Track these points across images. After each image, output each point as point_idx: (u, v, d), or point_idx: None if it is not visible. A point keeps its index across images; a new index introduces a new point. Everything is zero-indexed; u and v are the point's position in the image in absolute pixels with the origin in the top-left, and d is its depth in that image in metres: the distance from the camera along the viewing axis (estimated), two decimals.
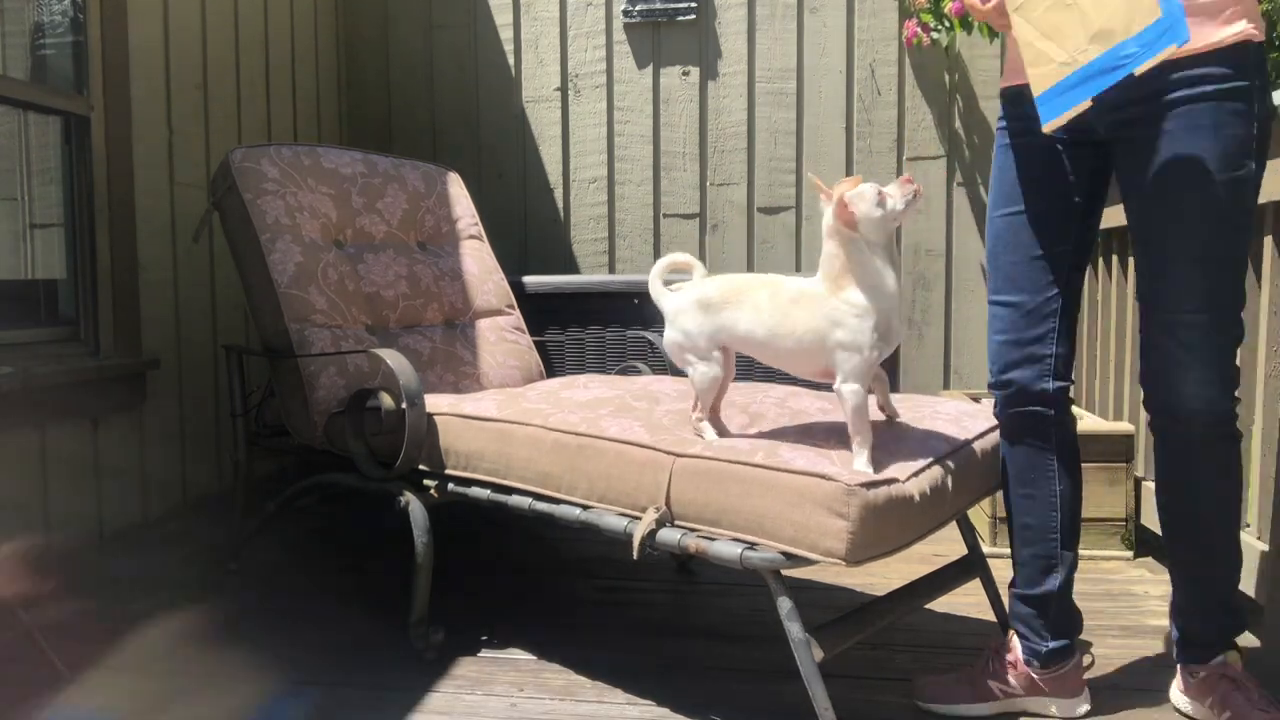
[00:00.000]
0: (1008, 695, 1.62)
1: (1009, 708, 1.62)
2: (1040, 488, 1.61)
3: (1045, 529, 1.61)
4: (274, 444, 2.35)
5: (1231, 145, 1.37)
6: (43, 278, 2.48)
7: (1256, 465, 1.89)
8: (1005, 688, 1.62)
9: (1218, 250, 1.41)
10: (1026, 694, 1.61)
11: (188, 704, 1.70)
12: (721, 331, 1.63)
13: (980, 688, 1.63)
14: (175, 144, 2.72)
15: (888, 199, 1.50)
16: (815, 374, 1.59)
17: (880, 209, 1.49)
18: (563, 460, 1.71)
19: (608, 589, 2.29)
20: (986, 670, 1.64)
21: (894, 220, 1.51)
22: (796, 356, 1.57)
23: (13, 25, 2.44)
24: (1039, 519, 1.61)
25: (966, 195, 3.42)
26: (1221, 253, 1.41)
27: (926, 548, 2.44)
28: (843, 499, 1.39)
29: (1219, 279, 1.42)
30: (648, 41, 3.56)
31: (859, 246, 1.51)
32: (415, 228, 2.63)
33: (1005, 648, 1.64)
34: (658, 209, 3.60)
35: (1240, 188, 1.39)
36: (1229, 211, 1.39)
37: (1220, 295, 1.42)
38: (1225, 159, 1.37)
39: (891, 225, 1.52)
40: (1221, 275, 1.42)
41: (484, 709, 1.66)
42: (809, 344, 1.54)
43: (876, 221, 1.50)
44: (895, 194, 1.51)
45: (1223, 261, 1.42)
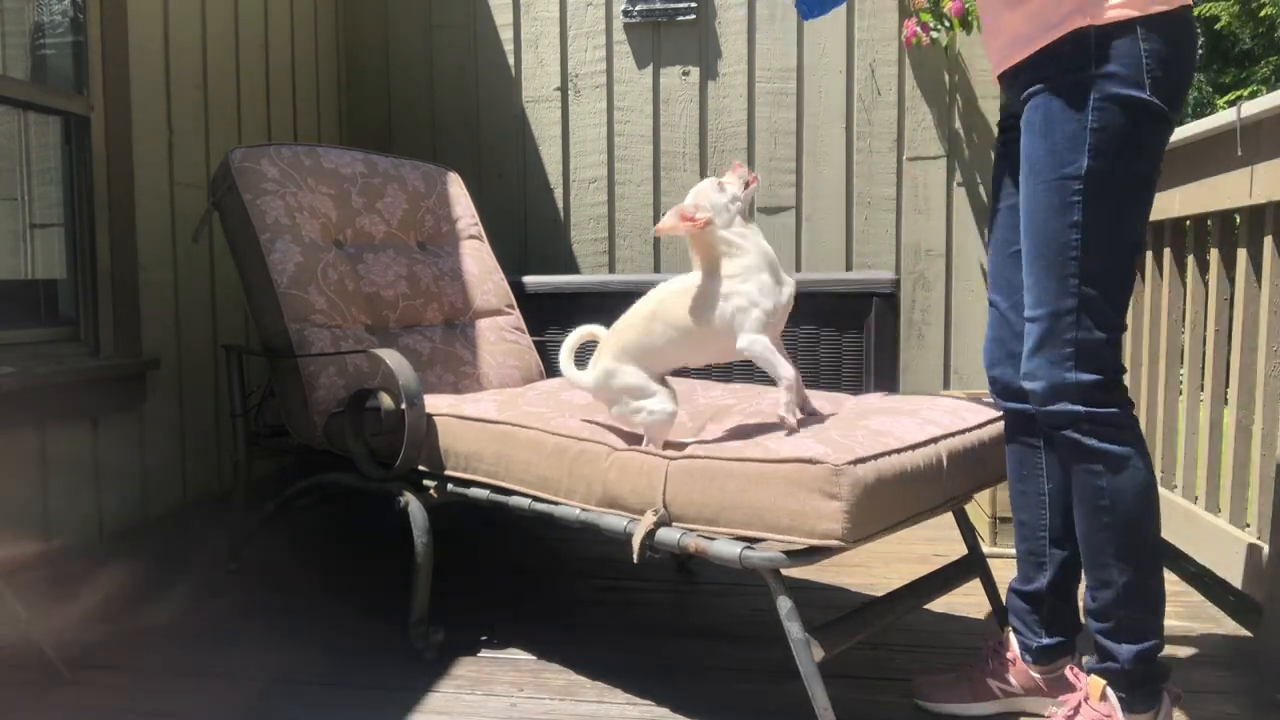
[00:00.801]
0: (1007, 694, 1.61)
1: (1008, 707, 1.62)
2: (1030, 484, 1.61)
3: (1036, 526, 1.61)
4: (274, 444, 2.35)
5: (1060, 142, 1.34)
6: (43, 278, 2.48)
7: (1256, 465, 1.89)
8: (1004, 686, 1.61)
9: (1047, 252, 1.37)
10: (1026, 693, 1.61)
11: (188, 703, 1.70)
12: (652, 363, 1.71)
13: (979, 686, 1.62)
14: (175, 144, 2.72)
15: (726, 185, 1.66)
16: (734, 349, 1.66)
17: (721, 194, 1.65)
18: (562, 465, 1.71)
19: (608, 589, 2.29)
20: (985, 669, 1.63)
21: (736, 203, 1.66)
22: (718, 338, 1.66)
23: (13, 25, 2.44)
24: (1030, 515, 1.61)
25: (966, 195, 3.42)
26: (1051, 254, 1.37)
27: (926, 548, 2.45)
28: (832, 479, 1.39)
29: (1047, 281, 1.37)
30: (648, 41, 3.56)
31: (712, 236, 1.65)
32: (415, 228, 2.63)
33: (1004, 645, 1.64)
34: (658, 209, 3.60)
35: (1069, 185, 1.33)
36: (1057, 211, 1.35)
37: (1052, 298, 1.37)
38: (1052, 156, 1.35)
39: (737, 206, 1.66)
40: (1049, 276, 1.37)
41: (484, 709, 1.66)
42: (720, 325, 1.64)
43: (723, 207, 1.65)
44: (732, 179, 1.67)
45: (1052, 263, 1.36)
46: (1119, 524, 1.38)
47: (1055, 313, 1.37)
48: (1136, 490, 1.38)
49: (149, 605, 2.17)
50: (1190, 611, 2.05)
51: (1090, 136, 1.32)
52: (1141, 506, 1.39)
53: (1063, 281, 1.36)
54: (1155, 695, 1.42)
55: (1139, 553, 1.39)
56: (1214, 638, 1.92)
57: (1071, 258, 1.35)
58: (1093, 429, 1.37)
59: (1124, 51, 1.31)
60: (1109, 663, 1.42)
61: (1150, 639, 1.40)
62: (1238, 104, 1.90)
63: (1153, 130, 1.34)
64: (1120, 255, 1.37)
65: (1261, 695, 1.67)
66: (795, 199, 3.51)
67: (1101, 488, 1.38)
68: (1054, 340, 1.38)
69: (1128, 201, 1.36)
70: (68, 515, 2.28)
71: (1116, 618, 1.40)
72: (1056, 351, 1.37)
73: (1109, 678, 1.43)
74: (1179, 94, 1.35)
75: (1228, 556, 1.98)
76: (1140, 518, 1.39)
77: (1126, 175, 1.34)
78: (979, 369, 3.45)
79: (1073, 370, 1.36)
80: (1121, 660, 1.40)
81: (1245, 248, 1.95)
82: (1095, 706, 1.43)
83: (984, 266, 3.43)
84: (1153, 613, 1.41)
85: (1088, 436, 1.38)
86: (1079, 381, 1.36)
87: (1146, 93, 1.31)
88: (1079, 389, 1.37)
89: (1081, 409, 1.37)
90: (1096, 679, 1.44)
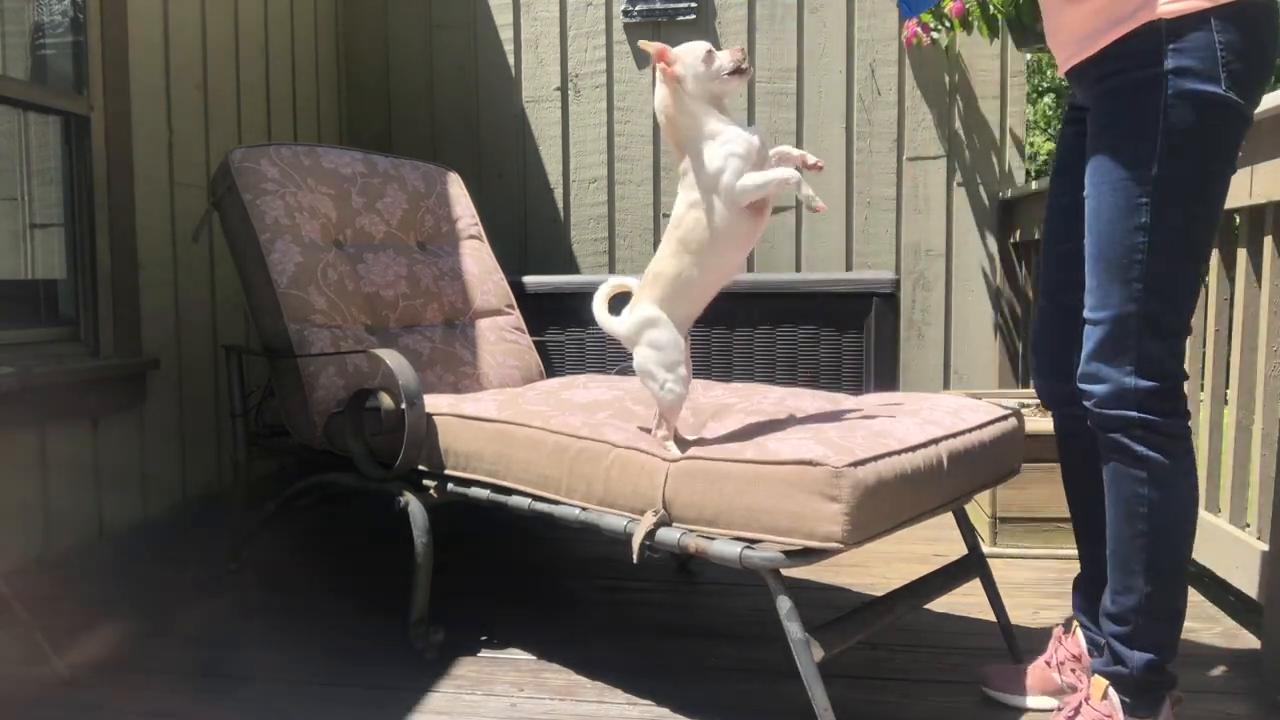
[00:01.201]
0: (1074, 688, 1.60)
1: None
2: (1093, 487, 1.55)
3: None
4: (274, 444, 2.34)
5: (1130, 142, 1.30)
6: (43, 278, 2.48)
7: (1256, 465, 1.89)
8: (1068, 678, 1.61)
9: (1112, 254, 1.33)
10: None
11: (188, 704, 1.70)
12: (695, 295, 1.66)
13: (1044, 677, 1.62)
14: (175, 144, 2.72)
15: (715, 58, 1.57)
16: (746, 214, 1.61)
17: (703, 66, 1.56)
18: (562, 463, 1.71)
19: (608, 589, 2.29)
20: (1050, 660, 1.63)
21: (718, 81, 1.57)
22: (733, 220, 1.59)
23: (13, 25, 2.44)
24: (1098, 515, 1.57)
25: (966, 195, 3.42)
26: (1116, 257, 1.32)
27: (926, 548, 2.45)
28: (832, 482, 1.39)
29: (1110, 285, 1.34)
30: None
31: (683, 103, 1.58)
32: (415, 228, 2.63)
33: (1071, 640, 1.63)
34: (658, 209, 3.60)
35: (1136, 188, 1.29)
36: (1124, 213, 1.31)
37: (1116, 302, 1.33)
38: (1120, 156, 1.31)
39: (716, 86, 1.57)
40: (1112, 280, 1.33)
41: (484, 709, 1.66)
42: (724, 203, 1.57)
43: (701, 76, 1.56)
44: (724, 57, 1.57)
45: (1116, 266, 1.32)
46: (1154, 534, 1.35)
47: (1118, 317, 1.33)
48: (1178, 502, 1.36)
49: (149, 605, 2.16)
50: (1190, 611, 2.03)
51: (1161, 137, 1.27)
52: (1179, 519, 1.36)
53: (1126, 286, 1.32)
54: (1158, 702, 1.41)
55: (1169, 567, 1.37)
56: (1214, 638, 1.92)
57: (1137, 261, 1.30)
58: (1145, 435, 1.34)
59: (1197, 44, 1.25)
60: (1118, 667, 1.41)
61: (1164, 653, 1.39)
62: None
63: (1228, 127, 1.29)
64: (1187, 260, 1.33)
65: (1262, 695, 1.66)
66: (795, 198, 3.51)
67: (1142, 495, 1.35)
68: (1115, 345, 1.34)
69: (1198, 203, 1.31)
70: (68, 515, 2.28)
71: (1134, 624, 1.38)
72: (1118, 356, 1.34)
73: (1116, 681, 1.41)
74: (1258, 86, 1.30)
75: (1228, 556, 1.98)
76: (1176, 530, 1.36)
77: (1197, 177, 1.30)
78: (979, 369, 3.46)
79: (1133, 376, 1.33)
80: (1131, 667, 1.39)
81: (1245, 248, 1.95)
82: (1096, 706, 1.42)
83: (984, 267, 3.43)
84: (1172, 626, 1.40)
85: (1138, 443, 1.34)
86: (1138, 388, 1.33)
87: (1222, 87, 1.25)
88: (1137, 395, 1.33)
89: (1137, 415, 1.33)
90: (1099, 679, 1.43)
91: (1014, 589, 1.88)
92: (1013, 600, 1.83)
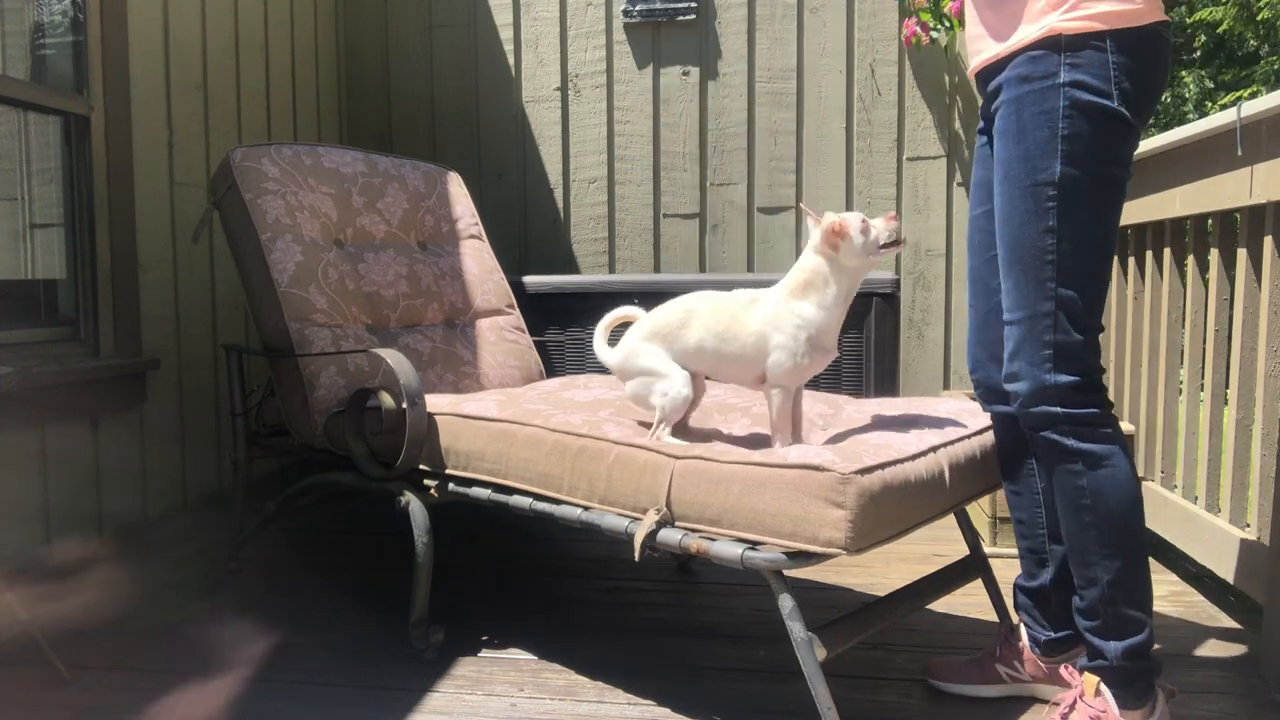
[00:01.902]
0: (1015, 680, 1.65)
1: (1016, 692, 1.65)
2: (1024, 484, 1.63)
3: (1034, 524, 1.63)
4: (274, 443, 2.34)
5: (1033, 148, 1.37)
6: (43, 278, 2.48)
7: (1256, 465, 1.89)
8: (1013, 672, 1.65)
9: (1023, 256, 1.39)
10: (1034, 680, 1.64)
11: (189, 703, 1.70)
12: (678, 352, 1.70)
13: (989, 670, 1.66)
14: (175, 144, 2.72)
15: (871, 229, 1.60)
16: (756, 380, 1.67)
17: (863, 236, 1.59)
18: (563, 462, 1.71)
19: (608, 589, 2.29)
20: (996, 654, 1.67)
21: (873, 251, 1.60)
22: (741, 362, 1.66)
23: (13, 25, 2.44)
24: (1027, 514, 1.64)
25: (966, 195, 3.42)
26: (1028, 259, 1.39)
27: (927, 547, 2.45)
28: (838, 488, 1.39)
29: (1025, 285, 1.40)
30: (648, 41, 3.56)
31: (834, 269, 1.62)
32: (415, 227, 2.63)
33: (1015, 634, 1.67)
34: (658, 209, 3.60)
35: (1043, 191, 1.36)
36: (1033, 216, 1.37)
37: (1030, 301, 1.39)
38: (1025, 162, 1.38)
39: (867, 257, 1.61)
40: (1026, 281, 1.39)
41: (484, 709, 1.66)
42: (752, 348, 1.64)
43: (857, 248, 1.60)
44: (880, 227, 1.61)
45: (1029, 267, 1.39)
46: (1101, 522, 1.40)
47: (1033, 316, 1.39)
48: (1117, 488, 1.39)
49: (149, 605, 2.16)
50: (1190, 611, 2.05)
51: (1062, 143, 1.35)
52: (1123, 504, 1.40)
53: (1040, 285, 1.38)
54: (1148, 691, 1.43)
55: (1122, 550, 1.40)
56: (1214, 638, 1.92)
57: (1048, 261, 1.38)
58: (1072, 429, 1.39)
59: (1092, 60, 1.34)
60: (1099, 660, 1.43)
61: (1137, 634, 1.41)
62: (1238, 104, 1.91)
63: (1120, 138, 1.37)
64: (1095, 258, 1.39)
65: (1261, 695, 1.67)
66: (795, 199, 3.51)
67: (1082, 487, 1.40)
68: (1033, 343, 1.40)
69: (1101, 205, 1.38)
70: (68, 515, 2.28)
71: (1103, 615, 1.42)
72: (1035, 354, 1.40)
73: (1101, 674, 1.44)
74: (1145, 107, 1.38)
75: (1228, 556, 1.98)
76: (1122, 515, 1.40)
77: (1099, 180, 1.37)
78: None
79: (1051, 372, 1.39)
80: (1110, 657, 1.42)
81: (1245, 248, 1.95)
82: (1090, 703, 1.43)
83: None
84: (1138, 608, 1.42)
85: (1067, 437, 1.40)
86: (1058, 383, 1.39)
87: (1115, 102, 1.34)
88: (1058, 390, 1.39)
89: (1060, 410, 1.39)
90: (1090, 676, 1.45)
91: None
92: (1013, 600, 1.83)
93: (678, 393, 1.67)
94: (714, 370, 1.72)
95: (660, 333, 1.71)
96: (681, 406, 1.68)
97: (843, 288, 1.62)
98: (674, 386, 1.68)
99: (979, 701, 1.66)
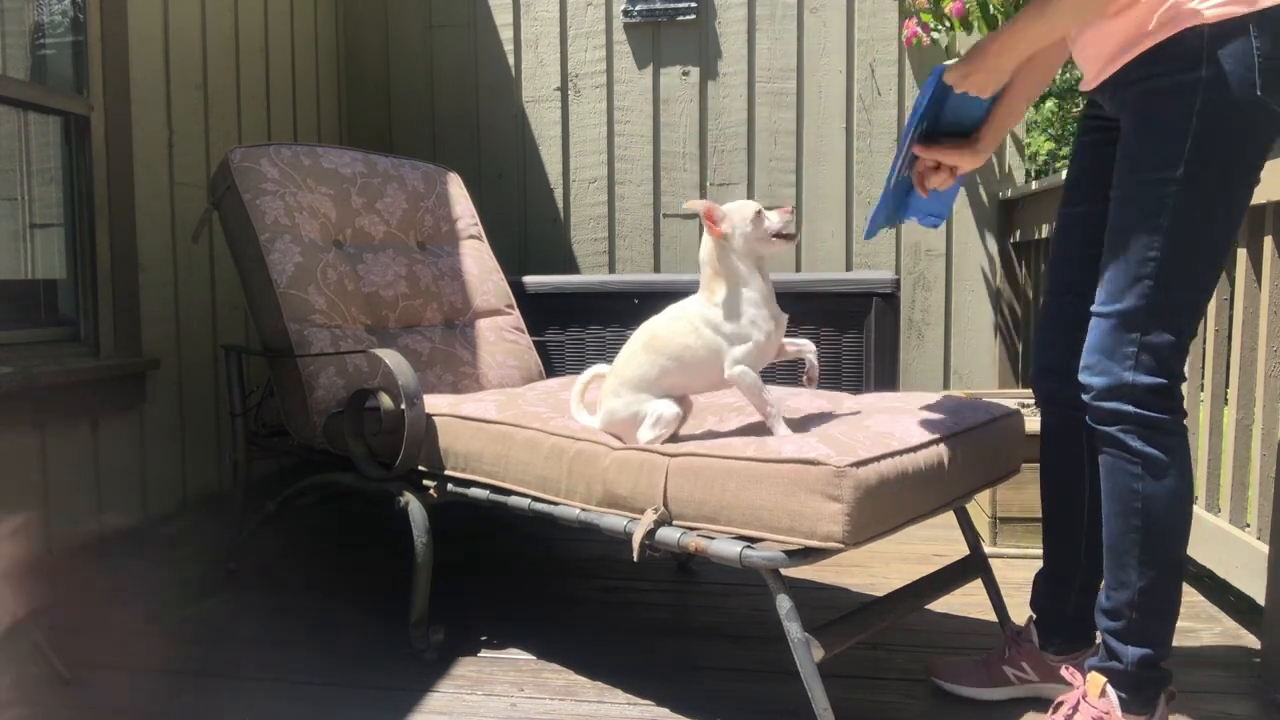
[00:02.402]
0: (1023, 681, 1.63)
1: (1023, 694, 1.64)
2: (1065, 482, 1.60)
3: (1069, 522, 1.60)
4: (273, 444, 2.34)
5: (1161, 143, 1.31)
6: (43, 278, 2.48)
7: (1256, 465, 1.89)
8: (1020, 674, 1.63)
9: (1127, 250, 1.35)
10: (1042, 680, 1.62)
11: (188, 703, 1.70)
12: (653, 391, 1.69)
13: (995, 672, 1.64)
14: (175, 144, 2.72)
15: (765, 219, 1.64)
16: (727, 380, 1.65)
17: (752, 226, 1.63)
18: (560, 465, 1.71)
19: (608, 589, 2.29)
20: (1004, 656, 1.65)
21: (764, 240, 1.64)
22: (705, 368, 1.65)
23: (13, 25, 2.44)
24: (1062, 512, 1.61)
25: (966, 195, 3.42)
26: (1131, 253, 1.34)
27: (927, 548, 2.45)
28: (834, 482, 1.39)
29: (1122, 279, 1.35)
30: (648, 41, 3.56)
31: (728, 255, 1.64)
32: (415, 228, 2.63)
33: (1023, 635, 1.65)
34: (658, 209, 3.60)
35: (1162, 188, 1.30)
36: (1146, 212, 1.32)
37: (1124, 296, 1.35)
38: (1150, 156, 1.32)
39: (762, 245, 1.64)
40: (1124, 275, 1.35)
41: (484, 709, 1.66)
42: (705, 351, 1.64)
43: (742, 235, 1.64)
44: (774, 219, 1.65)
45: (1130, 262, 1.34)
46: (1149, 528, 1.37)
47: (1124, 311, 1.35)
48: (1172, 499, 1.36)
49: (149, 605, 2.16)
50: (1190, 611, 2.05)
51: (1191, 139, 1.29)
52: (1173, 517, 1.37)
53: (1138, 282, 1.33)
54: (1154, 699, 1.42)
55: (1162, 561, 1.38)
56: (1214, 638, 1.92)
57: (1151, 259, 1.32)
58: (1140, 431, 1.35)
59: (1236, 50, 1.26)
60: (1113, 662, 1.42)
61: (1158, 647, 1.39)
62: None
63: (1258, 130, 1.31)
64: (1202, 262, 1.34)
65: (1261, 695, 1.66)
66: (795, 199, 3.51)
67: (1137, 491, 1.37)
68: (1118, 339, 1.36)
69: (1219, 206, 1.32)
70: (68, 515, 2.28)
71: (1128, 619, 1.39)
72: (1119, 350, 1.35)
73: (1110, 676, 1.42)
74: None
75: (1228, 556, 1.98)
76: (1170, 527, 1.37)
77: (1223, 180, 1.31)
78: (979, 369, 3.46)
79: (1132, 371, 1.34)
80: (1126, 662, 1.40)
81: (1245, 248, 1.95)
82: (1094, 703, 1.43)
83: (984, 267, 3.43)
84: (1164, 622, 1.40)
85: (1133, 437, 1.35)
86: (1136, 383, 1.34)
87: (1257, 91, 1.26)
88: (1135, 390, 1.34)
89: (1132, 410, 1.35)
90: (1097, 676, 1.44)
91: (1014, 589, 1.88)
92: (1013, 600, 1.83)
93: (669, 413, 1.66)
94: (688, 387, 1.72)
95: (627, 381, 1.70)
96: (675, 422, 1.67)
97: (747, 264, 1.64)
98: (661, 409, 1.66)
99: (979, 702, 1.66)
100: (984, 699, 1.64)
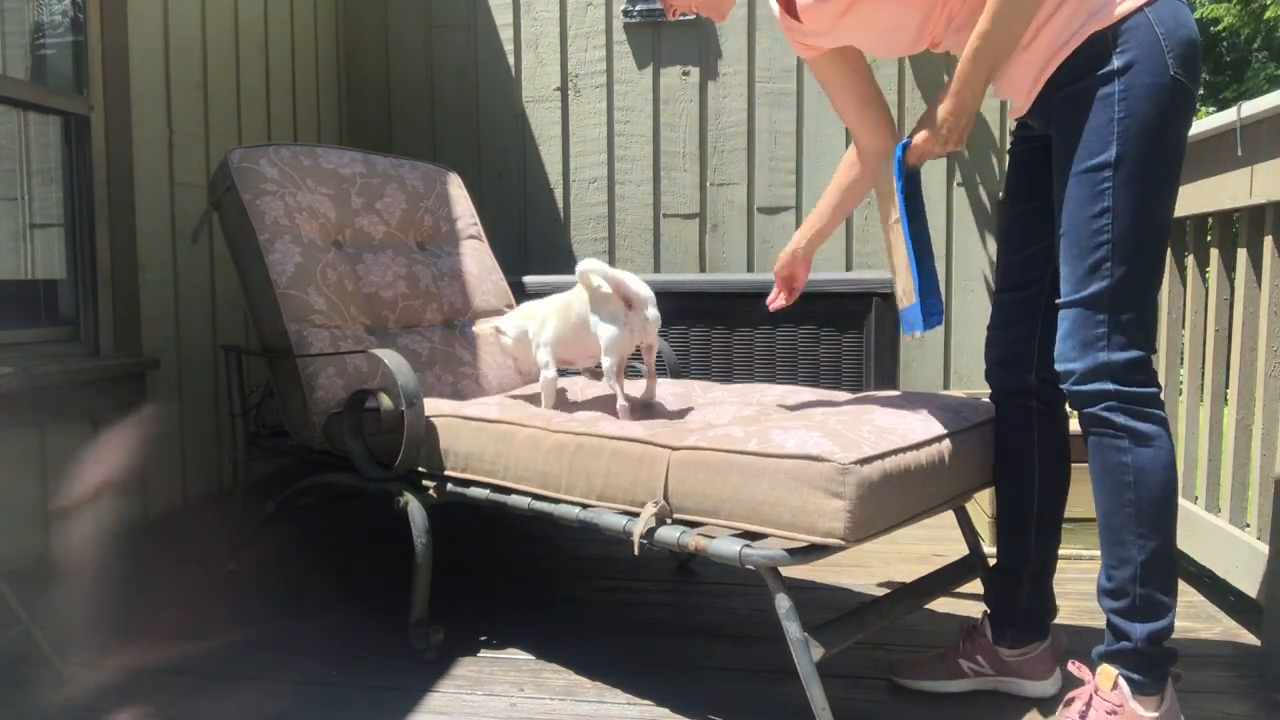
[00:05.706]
0: (978, 674, 1.67)
1: (979, 686, 1.67)
2: (1018, 470, 1.66)
3: (1021, 511, 1.65)
4: (273, 444, 2.35)
5: (1089, 135, 1.38)
6: (43, 278, 2.48)
7: (1256, 465, 1.89)
8: (976, 666, 1.67)
9: (1080, 240, 1.41)
10: (997, 674, 1.67)
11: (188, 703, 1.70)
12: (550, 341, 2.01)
13: (951, 665, 1.69)
14: (175, 144, 2.72)
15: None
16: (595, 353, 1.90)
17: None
18: (561, 460, 1.71)
19: (608, 589, 2.29)
20: (959, 650, 1.69)
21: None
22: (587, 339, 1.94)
23: (13, 25, 2.44)
24: (1015, 500, 1.66)
25: (966, 195, 3.42)
26: (1084, 242, 1.40)
27: (926, 547, 2.45)
28: (837, 478, 1.39)
29: (1080, 268, 1.41)
30: (648, 41, 3.56)
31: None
32: (414, 228, 2.63)
33: (977, 629, 1.69)
34: (658, 209, 3.60)
35: (1098, 175, 1.38)
36: (1088, 200, 1.39)
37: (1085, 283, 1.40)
38: (1081, 149, 1.39)
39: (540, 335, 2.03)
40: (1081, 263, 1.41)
41: (484, 709, 1.66)
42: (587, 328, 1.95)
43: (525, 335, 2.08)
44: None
45: (1085, 250, 1.40)
46: (1141, 500, 1.41)
47: (1089, 297, 1.40)
48: (1160, 469, 1.41)
49: (148, 605, 2.16)
50: (1190, 611, 2.05)
51: (1118, 125, 1.36)
52: (1163, 485, 1.41)
53: (1095, 267, 1.40)
54: (1164, 678, 1.44)
55: (1157, 531, 1.41)
56: (1214, 637, 1.92)
57: (1102, 243, 1.39)
58: (1122, 406, 1.40)
59: (1141, 40, 1.35)
60: (1123, 643, 1.43)
61: (1163, 619, 1.42)
62: (1238, 104, 1.91)
63: (1176, 107, 1.38)
64: (1150, 237, 1.40)
65: (1261, 695, 1.67)
66: (795, 199, 3.51)
67: (1126, 464, 1.41)
68: (1088, 323, 1.41)
69: (1156, 180, 1.39)
70: (68, 515, 2.28)
71: (1133, 595, 1.42)
72: (1091, 333, 1.41)
73: (1121, 659, 1.44)
74: (1195, 61, 1.39)
75: (1228, 556, 1.98)
76: (1161, 496, 1.41)
77: (1154, 156, 1.38)
78: (979, 369, 3.45)
79: (1105, 350, 1.40)
80: (1135, 639, 1.42)
81: (1245, 248, 1.95)
82: (1107, 697, 1.44)
83: (983, 267, 3.43)
84: (1167, 592, 1.42)
85: (1117, 414, 1.41)
86: (1112, 360, 1.40)
87: (1170, 71, 1.35)
88: (1113, 368, 1.40)
89: (1113, 386, 1.40)
90: (1108, 669, 1.44)
91: None
92: None
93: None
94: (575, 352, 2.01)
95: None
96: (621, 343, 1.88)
97: None
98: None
99: (980, 702, 1.66)
100: (940, 691, 1.68)
